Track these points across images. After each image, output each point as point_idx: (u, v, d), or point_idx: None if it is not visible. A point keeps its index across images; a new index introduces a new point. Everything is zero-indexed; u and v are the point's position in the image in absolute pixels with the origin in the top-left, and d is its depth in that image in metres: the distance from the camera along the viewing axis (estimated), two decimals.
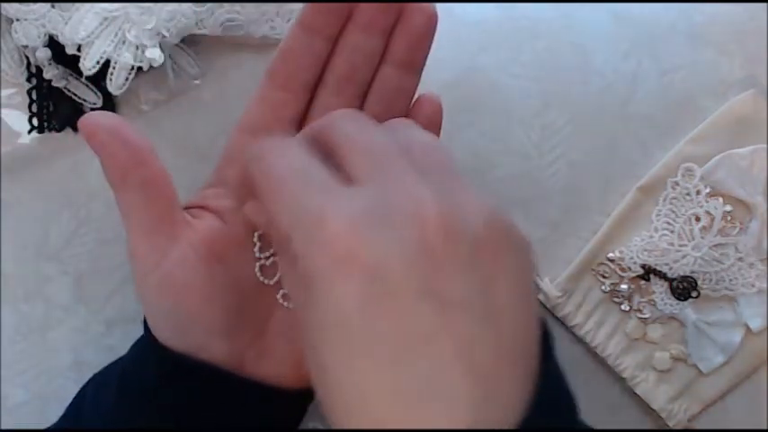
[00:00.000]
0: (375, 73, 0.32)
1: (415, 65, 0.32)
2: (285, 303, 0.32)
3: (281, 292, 0.32)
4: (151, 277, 0.30)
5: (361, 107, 0.32)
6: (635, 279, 0.40)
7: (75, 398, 0.34)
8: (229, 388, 0.31)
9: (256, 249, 0.32)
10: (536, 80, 0.42)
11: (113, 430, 0.31)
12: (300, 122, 0.32)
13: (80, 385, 0.34)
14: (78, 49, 0.37)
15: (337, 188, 0.24)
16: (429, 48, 0.31)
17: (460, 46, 0.42)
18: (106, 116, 0.29)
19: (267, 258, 0.32)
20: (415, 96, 0.33)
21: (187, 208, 0.31)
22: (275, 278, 0.32)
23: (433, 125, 0.32)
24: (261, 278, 0.32)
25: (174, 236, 0.30)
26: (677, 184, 0.40)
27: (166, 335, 0.30)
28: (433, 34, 0.31)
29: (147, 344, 0.31)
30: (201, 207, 0.32)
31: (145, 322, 0.31)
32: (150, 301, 0.30)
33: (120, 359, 0.33)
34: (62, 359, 0.39)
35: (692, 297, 0.40)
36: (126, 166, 0.29)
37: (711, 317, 0.40)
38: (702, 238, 0.40)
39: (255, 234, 0.32)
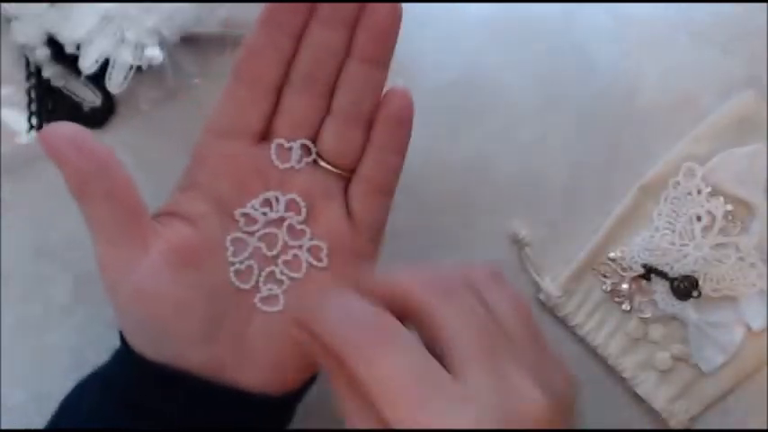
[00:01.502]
0: (341, 69, 0.31)
1: (381, 59, 0.31)
2: (264, 308, 0.32)
3: (259, 296, 0.32)
4: (121, 288, 0.29)
5: (328, 105, 0.32)
6: (636, 279, 0.40)
7: (59, 406, 0.33)
8: (209, 396, 0.30)
9: (230, 254, 0.31)
10: (536, 80, 0.42)
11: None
12: (267, 123, 0.32)
13: None
14: (77, 48, 0.37)
15: (449, 388, 0.24)
16: (395, 41, 0.31)
17: (461, 46, 0.42)
18: (66, 126, 0.29)
19: (241, 262, 0.31)
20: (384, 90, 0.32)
21: (156, 216, 0.31)
22: (251, 282, 0.31)
23: (404, 120, 0.32)
24: (236, 283, 0.31)
25: (142, 245, 0.29)
26: (678, 183, 0.40)
27: (142, 345, 0.30)
28: (398, 27, 0.31)
29: (125, 354, 0.31)
30: (171, 214, 0.31)
31: (121, 332, 0.31)
32: (122, 312, 0.30)
33: (103, 366, 0.33)
34: (62, 359, 0.39)
35: (693, 297, 0.40)
36: (88, 177, 0.28)
37: (712, 317, 0.40)
38: (703, 237, 0.40)
39: (228, 238, 0.31)
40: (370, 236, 0.33)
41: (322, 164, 0.32)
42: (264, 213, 0.32)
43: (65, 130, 0.28)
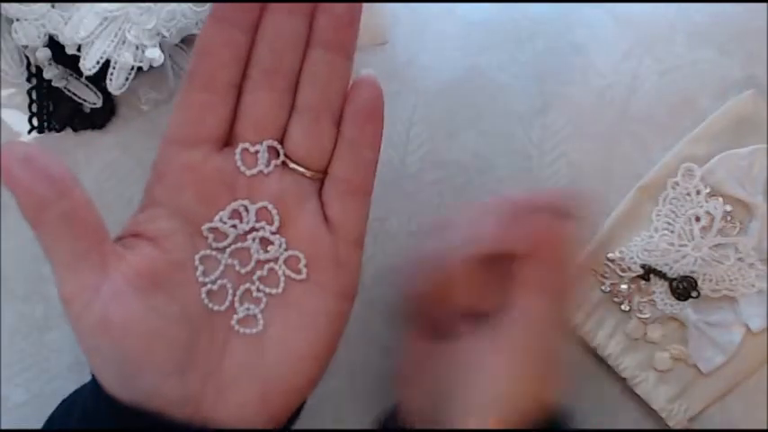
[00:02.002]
0: (303, 60, 0.29)
1: (345, 45, 0.28)
2: (242, 330, 0.29)
3: (236, 317, 0.29)
4: (84, 319, 0.27)
5: (293, 101, 0.29)
6: (635, 279, 0.40)
7: (45, 422, 0.32)
8: None
9: (199, 273, 0.28)
10: (536, 80, 0.42)
11: None
12: (229, 127, 0.29)
13: (80, 385, 0.34)
14: (78, 49, 0.37)
15: None
16: (357, 27, 0.28)
17: (460, 46, 0.42)
18: (17, 146, 0.26)
19: (213, 282, 0.29)
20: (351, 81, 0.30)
21: (119, 239, 0.29)
22: (226, 303, 0.29)
23: (374, 112, 0.29)
24: (209, 305, 0.29)
25: (104, 270, 0.27)
26: (677, 184, 0.40)
27: (112, 383, 0.28)
28: (359, 12, 0.28)
29: (98, 391, 0.28)
30: (134, 235, 0.28)
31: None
32: (88, 346, 0.27)
33: (84, 387, 0.31)
34: (62, 359, 0.39)
35: (692, 297, 0.40)
36: (43, 201, 0.26)
37: (711, 317, 0.40)
38: (702, 238, 0.40)
39: (197, 256, 0.29)
40: (351, 240, 0.30)
41: (292, 166, 0.29)
42: (234, 226, 0.29)
43: (16, 149, 0.26)
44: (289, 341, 0.29)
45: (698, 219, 0.40)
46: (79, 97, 0.39)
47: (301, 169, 0.30)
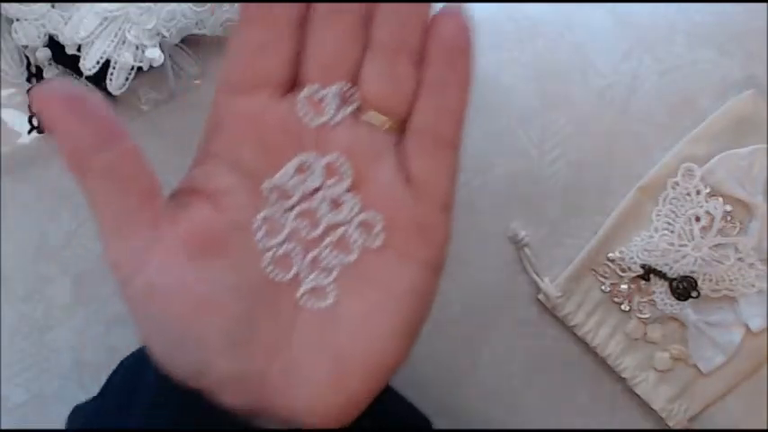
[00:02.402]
0: None
1: None
2: (309, 304, 0.25)
3: (302, 289, 0.25)
4: (133, 286, 0.24)
5: (366, 38, 0.25)
6: (635, 279, 0.40)
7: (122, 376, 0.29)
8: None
9: (260, 236, 0.25)
10: (536, 80, 0.42)
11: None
12: (291, 69, 0.25)
13: (80, 385, 0.34)
14: (78, 49, 0.37)
15: None
16: None
17: None
18: (60, 84, 0.23)
19: (278, 248, 0.25)
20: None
21: (172, 196, 0.25)
22: (290, 273, 0.25)
23: (462, 48, 0.25)
24: (271, 274, 0.25)
25: (155, 232, 0.24)
26: (677, 184, 0.40)
27: (161, 355, 0.25)
28: None
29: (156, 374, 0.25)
30: (189, 192, 0.25)
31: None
32: (136, 313, 0.25)
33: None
34: (62, 359, 0.39)
35: (692, 297, 0.40)
36: (89, 149, 0.23)
37: (711, 317, 0.40)
38: (702, 238, 0.40)
39: (258, 217, 0.25)
40: (436, 202, 0.26)
41: (367, 114, 0.25)
42: (299, 184, 0.25)
43: (62, 89, 0.23)
44: (364, 318, 0.25)
45: (698, 219, 0.40)
46: None
47: (377, 118, 0.25)
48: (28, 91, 0.39)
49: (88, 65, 0.37)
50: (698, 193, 0.40)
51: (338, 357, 0.25)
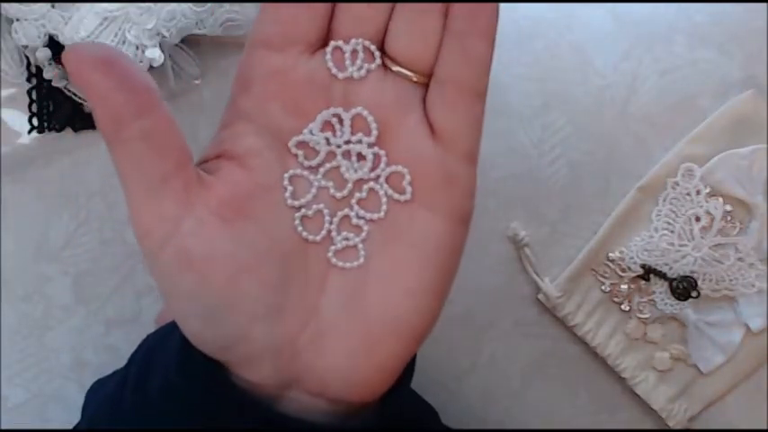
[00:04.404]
0: None
1: None
2: (341, 264, 0.25)
3: (333, 249, 0.25)
4: (162, 255, 0.23)
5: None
6: (635, 279, 0.40)
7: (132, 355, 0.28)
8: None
9: (288, 195, 0.24)
10: (536, 80, 0.42)
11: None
12: (324, 24, 0.25)
13: (80, 385, 0.34)
14: None
15: None
16: None
17: None
18: (97, 48, 0.22)
19: (308, 207, 0.25)
20: None
21: (200, 163, 0.25)
22: (322, 233, 0.25)
23: (489, 29, 0.25)
24: (303, 233, 0.25)
25: (186, 199, 0.23)
26: (677, 184, 0.40)
27: (193, 329, 0.24)
28: None
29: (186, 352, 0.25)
30: (217, 156, 0.25)
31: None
32: (166, 286, 0.24)
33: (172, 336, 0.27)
34: (62, 359, 0.39)
35: (692, 297, 0.40)
36: (122, 113, 0.22)
37: (711, 317, 0.40)
38: (702, 238, 0.40)
39: (285, 175, 0.25)
40: (462, 153, 0.25)
41: (395, 68, 0.25)
42: (326, 139, 0.25)
43: (95, 51, 0.22)
44: (394, 274, 0.25)
45: (698, 219, 0.40)
46: (79, 97, 0.39)
47: (406, 72, 0.25)
48: (28, 91, 0.39)
49: None
50: (698, 193, 0.40)
51: (368, 319, 0.25)
